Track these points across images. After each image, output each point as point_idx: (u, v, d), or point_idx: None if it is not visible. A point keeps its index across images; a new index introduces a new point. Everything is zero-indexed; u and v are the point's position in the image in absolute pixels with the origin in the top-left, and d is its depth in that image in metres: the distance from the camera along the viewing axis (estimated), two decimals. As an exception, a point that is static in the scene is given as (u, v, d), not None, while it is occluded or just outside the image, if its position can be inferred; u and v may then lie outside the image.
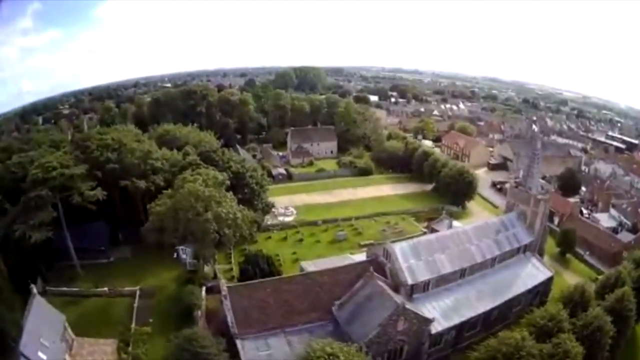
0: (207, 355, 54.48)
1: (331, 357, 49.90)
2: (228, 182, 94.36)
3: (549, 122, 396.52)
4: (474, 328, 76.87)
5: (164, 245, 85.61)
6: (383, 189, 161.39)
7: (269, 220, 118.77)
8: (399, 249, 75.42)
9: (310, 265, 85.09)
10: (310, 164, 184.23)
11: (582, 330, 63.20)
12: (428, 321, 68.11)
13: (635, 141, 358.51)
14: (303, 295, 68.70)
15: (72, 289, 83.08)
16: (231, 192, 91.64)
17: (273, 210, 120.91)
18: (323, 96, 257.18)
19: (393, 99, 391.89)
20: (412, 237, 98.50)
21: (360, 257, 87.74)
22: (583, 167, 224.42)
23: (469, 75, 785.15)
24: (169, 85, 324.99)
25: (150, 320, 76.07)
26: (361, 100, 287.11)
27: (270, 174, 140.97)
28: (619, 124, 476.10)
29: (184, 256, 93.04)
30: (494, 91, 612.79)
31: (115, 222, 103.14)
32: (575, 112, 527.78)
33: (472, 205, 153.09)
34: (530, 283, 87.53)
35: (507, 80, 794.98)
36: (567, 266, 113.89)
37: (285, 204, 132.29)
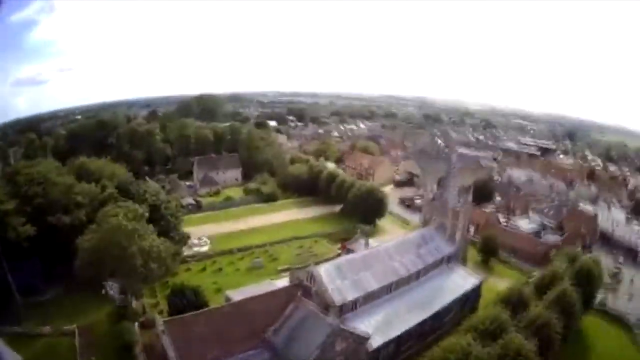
0: None
1: None
2: (147, 215, 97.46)
3: (453, 135, 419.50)
4: (410, 341, 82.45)
5: (95, 281, 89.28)
6: (291, 214, 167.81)
7: (184, 251, 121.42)
8: (324, 271, 79.57)
9: (235, 294, 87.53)
10: (217, 192, 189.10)
11: (528, 327, 69.73)
12: (364, 338, 72.70)
13: (552, 146, 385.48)
14: (237, 324, 70.97)
15: (19, 329, 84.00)
16: (151, 225, 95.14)
17: (188, 241, 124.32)
18: (226, 124, 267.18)
19: (292, 123, 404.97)
20: (327, 259, 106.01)
21: (283, 282, 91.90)
22: (495, 177, 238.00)
23: (367, 95, 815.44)
24: (79, 117, 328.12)
25: (93, 358, 77.83)
26: (261, 126, 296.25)
27: (181, 205, 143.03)
28: (531, 131, 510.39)
29: (111, 292, 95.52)
30: (393, 109, 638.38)
31: (46, 258, 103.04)
32: (483, 123, 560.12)
33: (383, 222, 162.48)
34: (458, 291, 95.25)
35: (407, 97, 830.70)
36: (492, 272, 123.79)
37: (198, 234, 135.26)
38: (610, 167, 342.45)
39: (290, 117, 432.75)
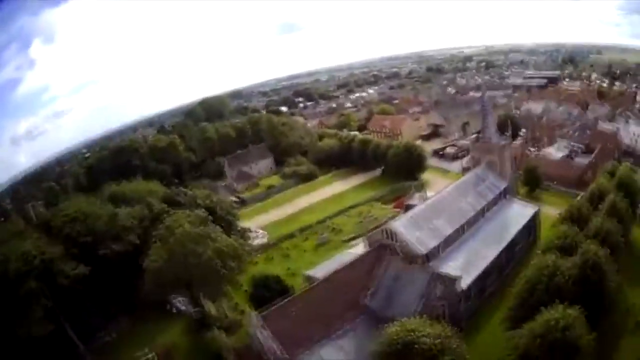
0: None
1: (414, 332, 55.36)
2: (211, 217, 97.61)
3: (462, 81, 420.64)
4: (492, 275, 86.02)
5: (163, 302, 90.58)
6: (335, 187, 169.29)
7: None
8: (401, 225, 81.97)
9: (314, 272, 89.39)
10: (256, 185, 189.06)
11: (596, 237, 73.06)
12: (456, 279, 75.95)
13: (556, 73, 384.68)
14: (332, 299, 71.90)
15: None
16: (217, 226, 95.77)
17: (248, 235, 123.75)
18: (243, 119, 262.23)
19: (301, 105, 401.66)
20: (388, 220, 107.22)
21: (358, 249, 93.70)
22: (514, 111, 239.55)
23: (365, 61, 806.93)
24: (88, 154, 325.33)
25: None
26: (274, 113, 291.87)
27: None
28: (531, 63, 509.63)
29: (182, 307, 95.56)
30: (394, 69, 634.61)
31: (103, 295, 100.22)
32: (483, 64, 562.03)
33: (425, 176, 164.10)
34: (522, 220, 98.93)
35: (404, 55, 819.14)
36: (539, 201, 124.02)
37: (252, 227, 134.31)
38: (615, 85, 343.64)
39: (299, 99, 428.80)
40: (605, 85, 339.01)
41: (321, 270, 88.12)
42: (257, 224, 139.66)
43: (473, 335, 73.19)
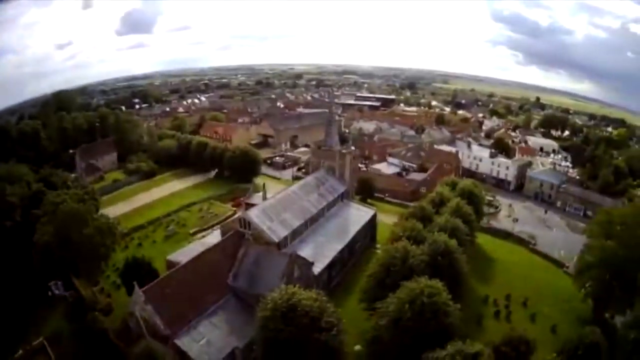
0: None
1: (294, 295, 60.27)
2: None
3: (290, 97, 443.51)
4: (336, 267, 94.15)
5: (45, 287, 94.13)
6: (174, 185, 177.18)
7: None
8: (255, 216, 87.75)
9: (176, 257, 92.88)
10: (101, 178, 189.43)
11: (443, 230, 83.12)
12: (310, 264, 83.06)
13: (391, 96, 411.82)
14: (200, 280, 76.03)
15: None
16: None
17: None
18: (95, 112, 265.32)
19: (137, 106, 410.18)
20: (228, 217, 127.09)
21: (210, 239, 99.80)
22: (343, 129, 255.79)
23: (196, 69, 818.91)
24: None
25: None
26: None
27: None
28: (365, 85, 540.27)
29: (57, 291, 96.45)
30: (224, 80, 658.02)
31: None
32: (314, 82, 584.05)
33: (257, 181, 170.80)
34: (361, 222, 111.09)
35: (235, 66, 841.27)
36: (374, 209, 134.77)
37: None
38: (459, 112, 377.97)
39: (136, 100, 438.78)
40: (446, 111, 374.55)
41: (181, 255, 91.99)
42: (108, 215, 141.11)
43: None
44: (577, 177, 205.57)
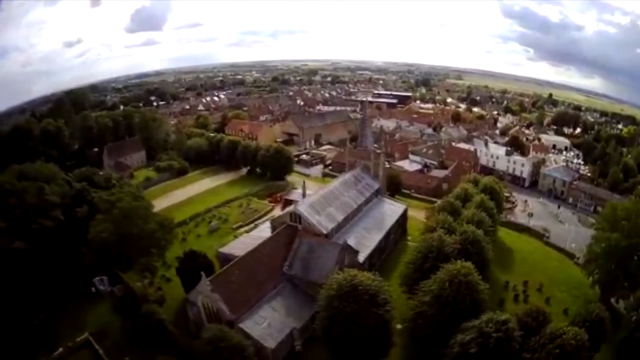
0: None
1: (356, 277, 70.05)
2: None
3: (309, 94, 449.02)
4: (375, 256, 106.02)
5: (88, 284, 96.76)
6: (208, 183, 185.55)
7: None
8: (305, 211, 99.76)
9: (228, 249, 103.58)
10: (131, 176, 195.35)
11: (470, 222, 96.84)
12: (357, 252, 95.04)
13: (407, 93, 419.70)
14: (259, 269, 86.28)
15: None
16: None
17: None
18: (120, 110, 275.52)
19: (155, 103, 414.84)
20: (266, 212, 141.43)
21: (263, 230, 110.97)
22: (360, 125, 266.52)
23: (210, 65, 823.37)
24: None
25: (127, 358, 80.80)
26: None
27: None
28: (380, 81, 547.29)
29: (102, 287, 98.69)
30: (238, 76, 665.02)
31: (33, 275, 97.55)
32: (329, 79, 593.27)
33: (289, 178, 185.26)
34: (395, 216, 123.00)
35: (248, 63, 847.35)
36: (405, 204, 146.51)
37: None
38: (474, 109, 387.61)
39: (152, 98, 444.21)
40: (461, 109, 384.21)
41: (232, 248, 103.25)
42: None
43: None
44: (588, 175, 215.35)
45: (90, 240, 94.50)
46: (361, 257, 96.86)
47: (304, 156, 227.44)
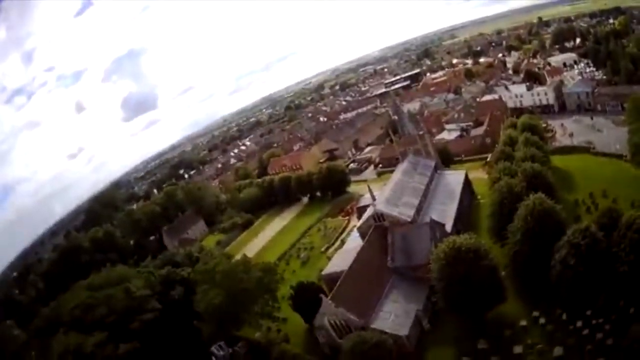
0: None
1: (455, 242, 78.18)
2: None
3: (326, 109, 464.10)
4: (457, 223, 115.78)
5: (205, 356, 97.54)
6: (277, 224, 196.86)
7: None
8: (385, 207, 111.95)
9: (329, 269, 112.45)
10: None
11: (524, 160, 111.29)
12: (443, 225, 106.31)
13: (416, 71, 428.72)
14: (367, 273, 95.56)
15: None
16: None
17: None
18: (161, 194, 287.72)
19: (186, 175, 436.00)
20: (345, 227, 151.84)
21: (354, 240, 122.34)
22: (394, 116, 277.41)
23: (218, 120, 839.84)
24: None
25: None
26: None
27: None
28: (385, 70, 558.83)
29: (221, 353, 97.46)
30: (252, 119, 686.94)
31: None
32: (337, 87, 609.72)
33: (351, 188, 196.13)
34: (460, 182, 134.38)
35: (253, 103, 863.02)
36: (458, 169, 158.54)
37: None
38: (480, 59, 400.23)
39: (181, 171, 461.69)
40: (469, 64, 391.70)
41: (332, 267, 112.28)
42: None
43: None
44: (604, 77, 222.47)
45: (202, 311, 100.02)
46: (448, 227, 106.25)
47: (352, 165, 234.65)
